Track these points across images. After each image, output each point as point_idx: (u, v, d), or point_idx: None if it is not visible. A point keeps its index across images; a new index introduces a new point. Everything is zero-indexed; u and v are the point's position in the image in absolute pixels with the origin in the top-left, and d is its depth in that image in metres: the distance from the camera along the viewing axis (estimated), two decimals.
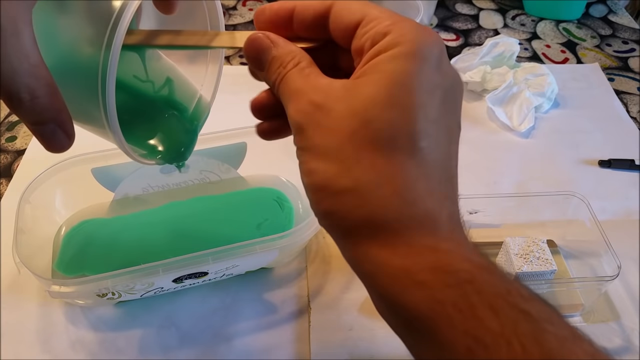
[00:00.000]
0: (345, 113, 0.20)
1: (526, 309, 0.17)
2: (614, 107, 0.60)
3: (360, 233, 0.20)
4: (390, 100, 0.19)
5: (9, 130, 0.54)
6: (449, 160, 0.21)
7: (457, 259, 0.19)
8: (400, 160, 0.20)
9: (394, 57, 0.20)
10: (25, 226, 0.38)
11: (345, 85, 0.21)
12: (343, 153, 0.20)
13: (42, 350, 0.37)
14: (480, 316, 0.17)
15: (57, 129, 0.22)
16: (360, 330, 0.38)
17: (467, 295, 0.18)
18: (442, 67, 0.20)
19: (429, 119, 0.20)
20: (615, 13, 0.76)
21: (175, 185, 0.45)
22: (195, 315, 0.39)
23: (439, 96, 0.20)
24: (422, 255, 0.19)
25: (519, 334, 0.17)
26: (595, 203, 0.42)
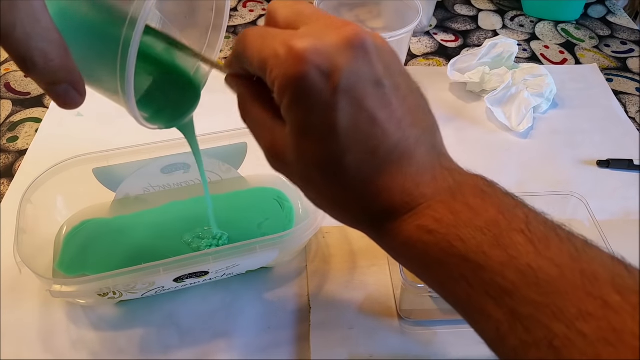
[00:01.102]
0: (292, 162, 0.24)
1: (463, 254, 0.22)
2: (612, 107, 0.60)
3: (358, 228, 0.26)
4: (306, 146, 0.23)
5: (11, 130, 0.55)
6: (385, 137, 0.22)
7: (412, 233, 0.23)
8: (342, 183, 0.23)
9: (288, 109, 0.22)
10: (26, 226, 0.38)
11: (281, 135, 0.24)
12: (310, 188, 0.25)
13: (44, 349, 0.37)
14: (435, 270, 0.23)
15: (69, 88, 0.24)
16: (360, 330, 0.38)
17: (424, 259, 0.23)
18: (326, 71, 0.21)
19: (340, 136, 0.22)
20: (613, 14, 0.77)
21: (176, 185, 0.45)
22: (196, 314, 0.39)
23: (344, 99, 0.21)
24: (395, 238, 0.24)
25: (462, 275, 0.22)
26: (593, 203, 0.42)
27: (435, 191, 0.23)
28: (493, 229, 0.22)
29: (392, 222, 0.23)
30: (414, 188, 0.23)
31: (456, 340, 0.38)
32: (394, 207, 0.23)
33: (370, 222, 0.24)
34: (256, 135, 0.25)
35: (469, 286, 0.21)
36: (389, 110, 0.22)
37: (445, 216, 0.22)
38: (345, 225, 0.26)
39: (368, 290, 0.41)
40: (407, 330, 0.38)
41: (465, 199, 0.23)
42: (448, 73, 0.59)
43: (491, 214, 0.22)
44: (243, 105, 0.26)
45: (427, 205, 0.23)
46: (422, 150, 0.23)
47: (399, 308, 0.39)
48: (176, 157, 0.43)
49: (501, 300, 0.20)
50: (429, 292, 0.38)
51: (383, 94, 0.22)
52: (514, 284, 0.20)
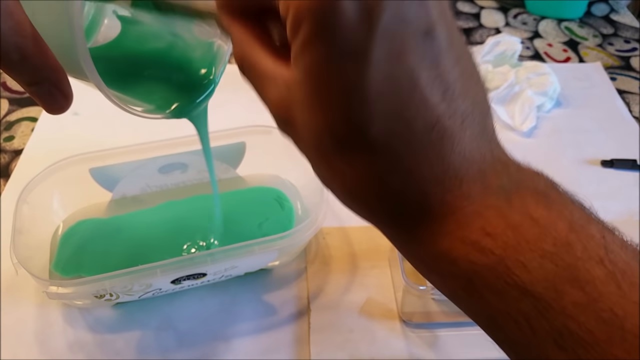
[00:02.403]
0: (301, 125, 0.18)
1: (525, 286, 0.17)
2: (616, 106, 0.59)
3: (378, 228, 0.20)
4: (321, 104, 0.17)
5: (7, 129, 0.54)
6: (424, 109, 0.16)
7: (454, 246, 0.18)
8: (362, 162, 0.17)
9: (303, 47, 0.16)
10: (23, 226, 0.37)
11: (288, 85, 0.18)
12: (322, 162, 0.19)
13: (40, 351, 0.37)
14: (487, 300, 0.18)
15: (52, 88, 0.22)
16: (361, 332, 0.38)
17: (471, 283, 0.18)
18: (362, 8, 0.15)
19: (368, 99, 0.16)
20: (617, 12, 0.76)
21: (173, 185, 0.45)
22: (194, 316, 0.39)
23: (379, 51, 0.16)
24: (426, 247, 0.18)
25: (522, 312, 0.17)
26: (597, 203, 0.41)
27: (485, 192, 0.18)
28: (565, 256, 0.17)
29: (424, 225, 0.18)
30: (457, 184, 0.17)
31: (458, 343, 0.37)
32: (427, 205, 0.18)
33: (392, 221, 0.19)
34: (259, 90, 0.20)
35: (531, 329, 0.17)
36: (435, 72, 0.16)
37: (501, 231, 0.17)
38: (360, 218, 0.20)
39: (369, 292, 0.40)
40: (408, 333, 0.38)
41: (526, 207, 0.17)
42: None
43: (561, 232, 0.17)
44: (242, 50, 0.20)
45: (475, 211, 0.17)
46: (469, 133, 0.17)
47: (400, 310, 0.39)
48: (174, 157, 0.43)
49: (575, 353, 0.16)
50: (431, 294, 0.37)
51: (432, 48, 0.16)
52: (592, 334, 0.16)
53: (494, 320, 0.18)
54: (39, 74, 0.22)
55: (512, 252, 0.17)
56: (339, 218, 0.45)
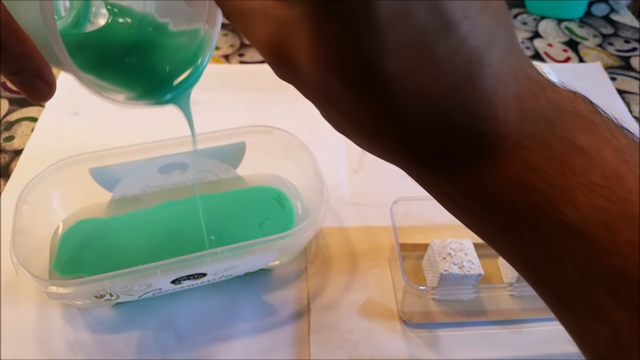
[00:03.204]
0: (301, 65, 0.16)
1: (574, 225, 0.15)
2: (616, 106, 0.59)
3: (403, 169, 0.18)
4: (324, 42, 0.15)
5: (7, 129, 0.54)
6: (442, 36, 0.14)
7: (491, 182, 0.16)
8: (382, 99, 0.15)
9: None
10: (22, 226, 0.37)
11: (279, 21, 0.16)
12: (330, 104, 0.17)
13: (40, 351, 0.37)
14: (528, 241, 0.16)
15: (34, 77, 0.22)
16: (361, 332, 0.38)
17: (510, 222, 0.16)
18: None
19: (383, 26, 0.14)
20: (617, 12, 0.76)
21: (173, 185, 0.45)
22: (194, 316, 0.39)
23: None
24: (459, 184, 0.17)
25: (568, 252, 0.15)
26: None
27: (524, 118, 0.16)
28: (617, 189, 0.15)
29: (456, 161, 0.16)
30: (492, 112, 0.15)
31: (458, 342, 0.37)
32: (459, 139, 0.16)
33: (419, 158, 0.17)
34: (249, 28, 0.17)
35: (578, 272, 0.15)
36: None
37: (544, 162, 0.15)
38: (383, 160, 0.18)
39: (369, 292, 0.40)
40: (408, 333, 0.38)
41: (569, 133, 0.15)
42: None
43: (610, 162, 0.15)
44: None
45: (514, 142, 0.16)
46: (498, 51, 0.15)
47: (400, 310, 0.39)
48: (174, 157, 0.43)
49: (627, 297, 0.14)
50: (431, 294, 0.37)
51: None
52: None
53: (534, 263, 0.16)
54: (19, 62, 0.21)
55: (557, 187, 0.15)
56: (339, 218, 0.45)
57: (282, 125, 0.44)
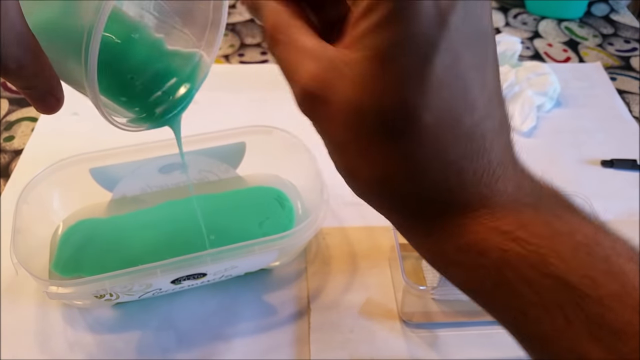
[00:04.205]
0: (339, 103, 0.18)
1: (562, 276, 0.17)
2: (616, 106, 0.59)
3: (392, 219, 0.20)
4: (379, 84, 0.17)
5: (7, 129, 0.54)
6: (472, 105, 0.18)
7: (486, 237, 0.18)
8: (405, 147, 0.18)
9: (375, 26, 0.17)
10: (23, 226, 0.37)
11: (334, 63, 0.18)
12: (351, 148, 0.19)
13: (40, 351, 0.37)
14: (519, 291, 0.17)
15: (46, 93, 0.23)
16: (361, 332, 0.38)
17: (502, 274, 0.18)
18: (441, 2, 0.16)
19: (430, 86, 0.17)
20: (617, 12, 0.76)
21: (173, 185, 0.44)
22: (194, 316, 0.39)
23: (445, 44, 0.17)
24: (452, 239, 0.19)
25: (558, 303, 0.17)
26: (597, 203, 0.41)
27: (519, 191, 0.18)
28: (598, 249, 0.17)
29: (456, 217, 0.18)
30: (494, 180, 0.18)
31: (458, 342, 0.37)
32: (464, 197, 0.18)
33: (420, 211, 0.19)
34: (293, 64, 0.19)
35: (565, 320, 0.16)
36: (485, 77, 0.18)
37: (534, 222, 0.17)
38: (377, 209, 0.20)
39: (369, 292, 0.40)
40: (408, 333, 0.38)
41: (554, 209, 0.18)
42: None
43: (589, 232, 0.17)
44: (277, 21, 0.19)
45: (509, 206, 0.18)
46: (502, 140, 0.18)
47: (400, 310, 0.39)
48: (174, 157, 0.43)
49: (611, 344, 0.16)
50: (431, 294, 0.37)
51: (485, 54, 0.18)
52: (630, 325, 0.16)
53: (524, 313, 0.17)
54: (33, 81, 0.22)
55: (547, 242, 0.17)
56: (339, 218, 0.45)
57: (282, 125, 0.44)
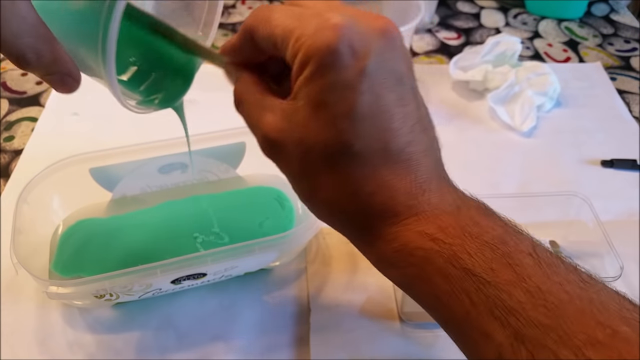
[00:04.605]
0: (291, 144, 0.22)
1: (470, 268, 0.21)
2: (616, 106, 0.59)
3: (347, 235, 0.24)
4: (317, 124, 0.21)
5: (7, 129, 0.54)
6: (398, 133, 0.22)
7: (412, 239, 0.22)
8: (344, 172, 0.22)
9: (307, 79, 0.21)
10: (22, 226, 0.37)
11: (285, 113, 0.23)
12: (306, 178, 0.23)
13: (40, 351, 0.37)
14: (437, 283, 0.21)
15: (65, 76, 0.25)
16: (361, 332, 0.38)
17: (423, 268, 0.22)
18: (356, 52, 0.21)
19: (357, 120, 0.21)
20: (617, 12, 0.76)
21: (173, 185, 0.44)
22: (194, 316, 0.39)
23: (365, 84, 0.21)
24: (389, 244, 0.23)
25: (465, 289, 0.21)
26: (597, 203, 0.42)
27: (441, 201, 0.23)
28: (501, 247, 0.21)
29: (390, 225, 0.22)
30: (420, 193, 0.22)
31: None
32: (396, 209, 0.22)
33: (363, 224, 0.23)
34: (255, 119, 0.24)
35: (471, 303, 0.20)
36: (405, 110, 0.22)
37: (451, 226, 0.22)
38: (333, 227, 0.25)
39: (369, 292, 0.40)
40: (408, 333, 0.38)
41: (471, 214, 0.22)
42: (450, 71, 0.58)
43: (498, 232, 0.22)
44: (244, 88, 0.25)
45: (432, 213, 0.22)
46: (428, 160, 0.23)
47: (400, 310, 0.39)
48: (174, 157, 0.43)
49: (506, 320, 0.20)
50: None
51: (403, 92, 0.22)
52: (521, 303, 0.19)
53: (439, 299, 0.21)
54: (53, 68, 0.24)
55: (458, 241, 0.21)
56: None
57: None
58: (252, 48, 0.24)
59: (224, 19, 0.72)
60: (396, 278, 0.24)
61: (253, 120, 0.24)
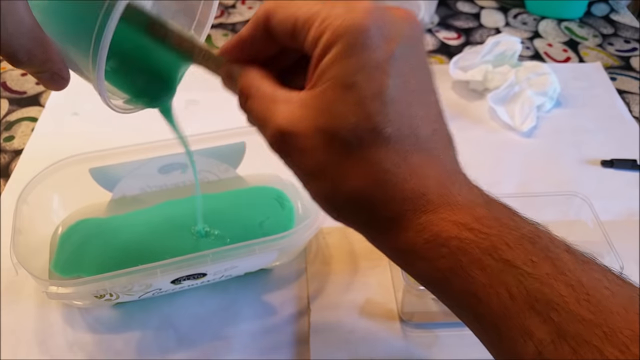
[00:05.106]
0: (312, 132, 0.21)
1: (510, 260, 0.20)
2: (616, 106, 0.59)
3: (370, 229, 0.23)
4: (345, 107, 0.20)
5: (7, 129, 0.54)
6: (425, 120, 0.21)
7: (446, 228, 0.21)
8: (374, 158, 0.21)
9: (334, 59, 0.20)
10: (22, 226, 0.37)
11: (303, 101, 0.21)
12: (328, 170, 0.21)
13: (40, 351, 0.37)
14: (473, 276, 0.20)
15: (54, 74, 0.25)
16: (361, 332, 0.38)
17: (458, 260, 0.20)
18: (385, 35, 0.20)
19: (387, 103, 0.20)
20: (617, 12, 0.76)
21: (173, 185, 0.44)
22: (194, 316, 0.39)
23: (394, 68, 0.20)
24: (419, 234, 0.21)
25: (504, 282, 0.20)
26: (597, 203, 0.41)
27: (471, 194, 0.22)
28: (539, 240, 0.20)
29: (421, 214, 0.21)
30: (450, 183, 0.22)
31: (458, 343, 0.37)
32: (428, 197, 0.21)
33: (391, 214, 0.21)
34: (265, 113, 0.22)
35: (510, 297, 0.19)
36: (429, 98, 0.22)
37: (486, 217, 0.21)
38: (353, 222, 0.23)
39: (369, 292, 0.40)
40: (408, 333, 0.38)
41: (500, 210, 0.22)
42: (450, 71, 0.58)
43: (532, 227, 0.21)
44: (251, 82, 0.23)
45: (465, 204, 0.21)
46: (452, 152, 0.23)
47: (401, 310, 0.39)
48: (173, 157, 0.43)
49: (547, 315, 0.18)
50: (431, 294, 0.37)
51: (427, 81, 0.22)
52: (563, 297, 0.18)
53: (474, 295, 0.20)
54: (43, 66, 0.24)
55: (496, 232, 0.20)
56: None
57: None
58: (263, 38, 0.23)
59: (224, 18, 0.72)
60: (424, 273, 0.22)
61: (263, 114, 0.23)
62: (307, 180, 0.22)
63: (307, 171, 0.22)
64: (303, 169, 0.22)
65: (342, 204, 0.22)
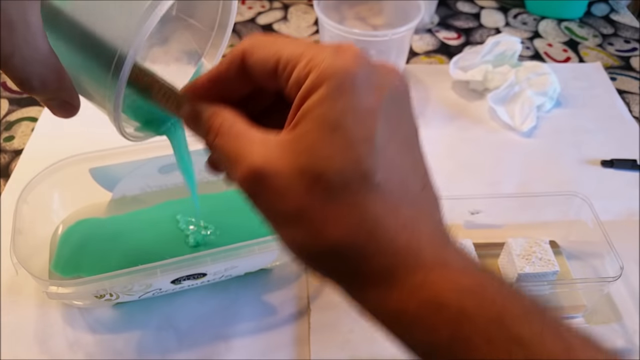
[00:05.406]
0: (291, 172, 0.19)
1: (519, 334, 0.18)
2: (616, 106, 0.59)
3: (352, 283, 0.20)
4: (332, 148, 0.19)
5: (7, 129, 0.54)
6: (414, 173, 0.20)
7: (446, 290, 0.19)
8: (362, 205, 0.19)
9: (321, 100, 0.19)
10: (22, 226, 0.37)
11: (282, 141, 0.20)
12: (306, 215, 0.19)
13: (40, 351, 0.37)
14: (477, 347, 0.18)
15: (65, 102, 0.25)
16: (361, 332, 0.38)
17: (462, 328, 0.18)
18: (374, 83, 0.19)
19: (377, 148, 0.19)
20: (617, 12, 0.76)
21: (173, 185, 0.44)
22: (194, 316, 0.39)
23: (383, 115, 0.19)
24: (413, 294, 0.19)
25: (509, 351, 0.18)
26: (597, 203, 0.42)
27: (464, 257, 0.20)
28: (537, 312, 0.19)
29: (415, 272, 0.19)
30: (444, 243, 0.20)
31: None
32: (422, 253, 0.19)
33: (379, 268, 0.19)
34: (236, 151, 0.20)
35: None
36: (418, 153, 0.21)
37: (487, 282, 0.19)
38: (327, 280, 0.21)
39: None
40: None
41: (494, 279, 0.20)
42: (450, 71, 0.58)
43: (527, 301, 0.19)
44: (221, 120, 0.21)
45: (462, 265, 0.20)
46: (439, 213, 0.21)
47: None
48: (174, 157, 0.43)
49: None
50: None
51: (415, 134, 0.21)
52: None
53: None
54: (55, 95, 0.24)
55: (499, 300, 0.19)
56: None
57: None
58: (238, 76, 0.22)
59: None
60: (418, 340, 0.19)
61: (235, 152, 0.20)
62: (281, 226, 0.20)
63: (282, 215, 0.20)
64: (277, 212, 0.20)
65: (321, 254, 0.20)
